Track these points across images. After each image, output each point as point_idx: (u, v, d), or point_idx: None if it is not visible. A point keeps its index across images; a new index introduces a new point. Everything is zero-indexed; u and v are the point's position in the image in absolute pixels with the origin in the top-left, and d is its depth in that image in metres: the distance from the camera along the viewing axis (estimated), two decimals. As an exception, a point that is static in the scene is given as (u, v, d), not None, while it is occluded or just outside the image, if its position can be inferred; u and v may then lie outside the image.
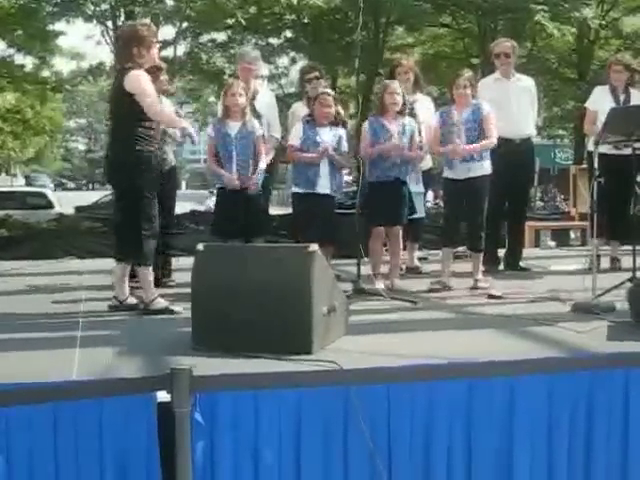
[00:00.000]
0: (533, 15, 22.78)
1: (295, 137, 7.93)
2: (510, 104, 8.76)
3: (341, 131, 8.01)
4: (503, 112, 8.16)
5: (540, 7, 22.83)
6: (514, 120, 8.67)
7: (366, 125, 7.86)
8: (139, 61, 6.51)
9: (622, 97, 9.01)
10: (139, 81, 6.42)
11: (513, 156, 8.43)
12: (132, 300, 6.73)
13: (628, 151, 8.11)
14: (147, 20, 21.42)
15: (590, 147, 9.24)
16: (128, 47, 6.56)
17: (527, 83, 9.33)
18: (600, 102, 8.99)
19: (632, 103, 8.85)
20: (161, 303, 6.56)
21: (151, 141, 6.51)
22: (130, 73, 6.43)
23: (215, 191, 8.04)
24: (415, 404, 4.54)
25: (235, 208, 7.57)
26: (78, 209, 15.75)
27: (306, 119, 7.97)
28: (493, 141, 7.89)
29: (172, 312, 6.44)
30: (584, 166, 11.67)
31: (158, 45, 6.94)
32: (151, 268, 6.67)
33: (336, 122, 7.96)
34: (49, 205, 23.67)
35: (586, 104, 9.47)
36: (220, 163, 7.65)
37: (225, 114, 7.70)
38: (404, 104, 7.88)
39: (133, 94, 6.41)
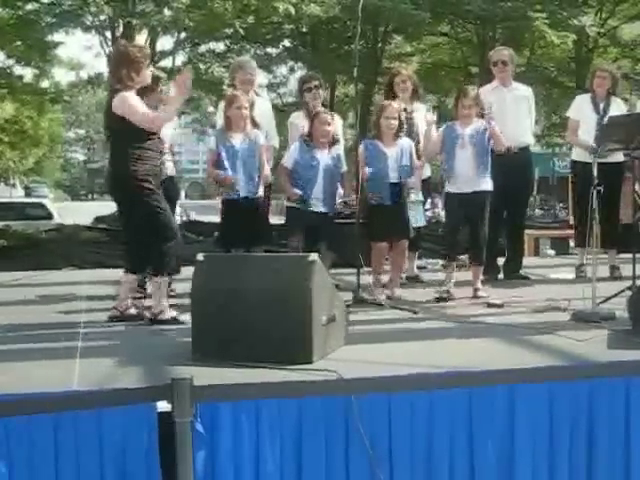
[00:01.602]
0: (532, 22, 22.82)
1: (289, 158, 7.89)
2: (507, 113, 8.77)
3: (339, 150, 8.00)
4: (500, 121, 8.16)
5: (538, 15, 22.86)
6: (511, 129, 8.65)
7: (362, 148, 7.83)
8: (128, 83, 6.52)
9: (602, 105, 9.06)
10: (125, 103, 6.44)
11: (511, 165, 8.44)
12: (132, 311, 6.74)
13: (612, 159, 8.21)
14: (142, 39, 21.47)
15: (574, 156, 9.33)
16: (118, 68, 6.59)
17: (524, 92, 9.34)
18: (581, 111, 9.08)
19: (612, 111, 8.90)
20: (169, 313, 6.57)
21: (146, 160, 6.52)
22: (118, 95, 6.47)
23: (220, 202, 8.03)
24: (416, 413, 4.55)
25: (240, 218, 7.57)
26: (98, 219, 15.87)
27: (304, 139, 7.94)
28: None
29: (179, 322, 6.42)
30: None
31: (151, 68, 6.93)
32: (167, 279, 6.71)
33: (333, 141, 7.94)
34: (48, 216, 23.65)
35: (567, 113, 9.52)
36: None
37: (227, 125, 7.70)
38: (401, 127, 7.87)
39: (123, 117, 6.44)
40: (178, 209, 9.90)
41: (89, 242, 12.84)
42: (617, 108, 9.07)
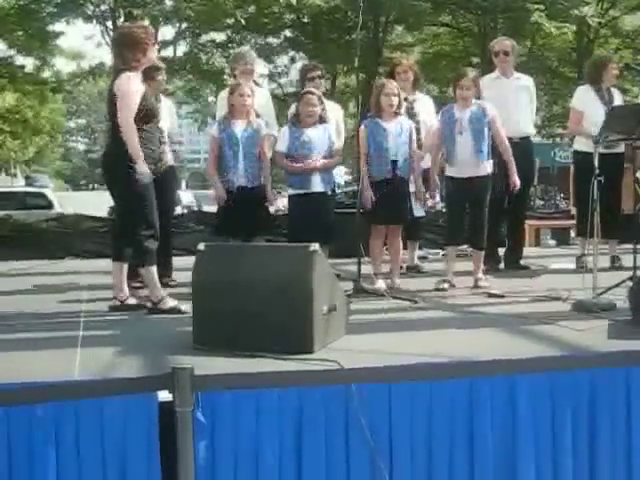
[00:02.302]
0: (530, 15, 22.79)
1: (282, 142, 7.92)
2: (508, 103, 8.76)
3: (329, 127, 8.02)
4: (502, 111, 8.14)
5: (537, 7, 22.81)
6: (513, 119, 8.66)
7: (363, 126, 7.85)
8: (133, 64, 6.50)
9: (606, 96, 9.05)
10: (124, 84, 6.41)
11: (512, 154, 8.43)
12: (132, 300, 6.74)
13: (615, 149, 8.21)
14: (145, 22, 21.43)
15: (576, 146, 9.31)
16: (122, 49, 6.56)
17: (526, 82, 9.35)
18: (586, 102, 9.05)
19: (615, 102, 8.92)
20: (169, 303, 6.56)
21: (144, 143, 6.51)
22: (121, 75, 6.44)
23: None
24: (416, 403, 4.54)
25: (238, 207, 7.59)
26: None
27: (292, 120, 7.97)
28: (508, 148, 8.04)
29: (180, 312, 6.41)
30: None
31: (156, 46, 6.91)
32: (154, 268, 6.66)
33: (321, 120, 7.96)
34: (49, 205, 23.68)
35: (571, 104, 9.48)
36: (221, 164, 7.68)
37: (231, 113, 7.72)
38: (400, 104, 7.88)
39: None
40: (192, 199, 10.12)
41: (90, 232, 12.83)
42: (618, 99, 9.12)
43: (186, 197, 31.30)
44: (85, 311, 6.63)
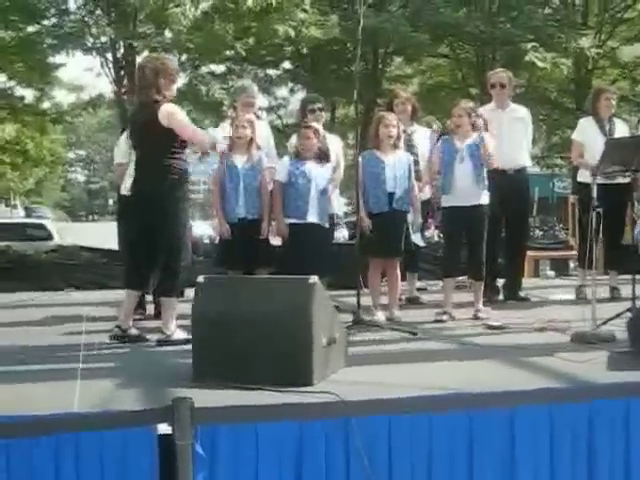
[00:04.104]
0: (524, 53, 22.83)
1: (282, 172, 7.86)
2: (503, 135, 8.73)
3: (330, 166, 8.01)
4: (497, 142, 8.16)
5: (531, 45, 22.83)
6: (507, 151, 8.61)
7: (361, 159, 7.85)
8: (166, 93, 6.59)
9: (607, 127, 9.06)
10: (175, 116, 6.53)
11: (507, 187, 8.43)
12: (134, 331, 6.73)
13: (618, 180, 8.20)
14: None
15: (580, 178, 9.26)
16: (155, 79, 6.61)
17: (522, 113, 9.34)
18: (587, 133, 9.06)
19: (617, 132, 8.94)
20: (182, 334, 6.54)
21: (183, 172, 6.66)
22: (163, 107, 6.51)
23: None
24: (416, 435, 4.54)
25: (238, 239, 7.61)
26: None
27: (294, 153, 7.97)
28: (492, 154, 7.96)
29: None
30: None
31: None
32: (176, 299, 6.74)
33: (322, 155, 7.95)
34: (49, 236, 23.68)
35: (573, 136, 9.49)
36: (223, 196, 7.71)
37: (230, 147, 7.75)
38: (398, 136, 7.91)
39: (168, 127, 6.49)
40: (211, 230, 10.32)
41: (89, 263, 12.84)
42: (621, 129, 9.13)
43: (202, 228, 31.22)
44: (85, 343, 6.62)
